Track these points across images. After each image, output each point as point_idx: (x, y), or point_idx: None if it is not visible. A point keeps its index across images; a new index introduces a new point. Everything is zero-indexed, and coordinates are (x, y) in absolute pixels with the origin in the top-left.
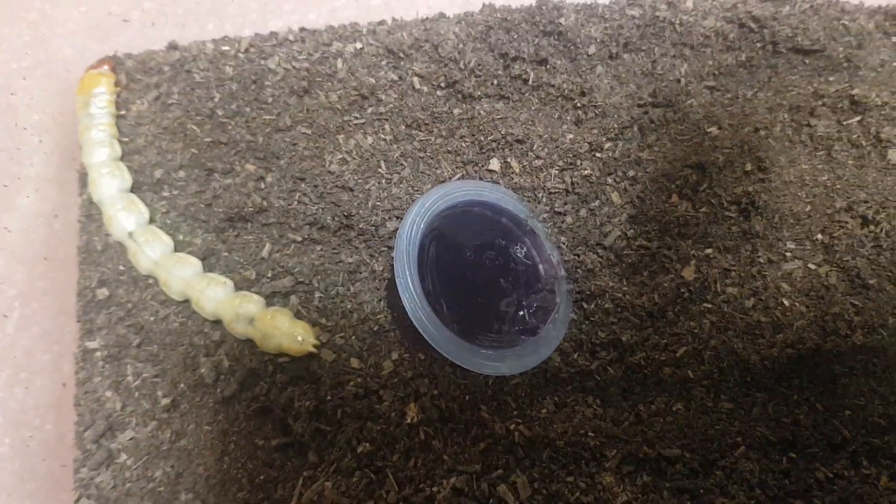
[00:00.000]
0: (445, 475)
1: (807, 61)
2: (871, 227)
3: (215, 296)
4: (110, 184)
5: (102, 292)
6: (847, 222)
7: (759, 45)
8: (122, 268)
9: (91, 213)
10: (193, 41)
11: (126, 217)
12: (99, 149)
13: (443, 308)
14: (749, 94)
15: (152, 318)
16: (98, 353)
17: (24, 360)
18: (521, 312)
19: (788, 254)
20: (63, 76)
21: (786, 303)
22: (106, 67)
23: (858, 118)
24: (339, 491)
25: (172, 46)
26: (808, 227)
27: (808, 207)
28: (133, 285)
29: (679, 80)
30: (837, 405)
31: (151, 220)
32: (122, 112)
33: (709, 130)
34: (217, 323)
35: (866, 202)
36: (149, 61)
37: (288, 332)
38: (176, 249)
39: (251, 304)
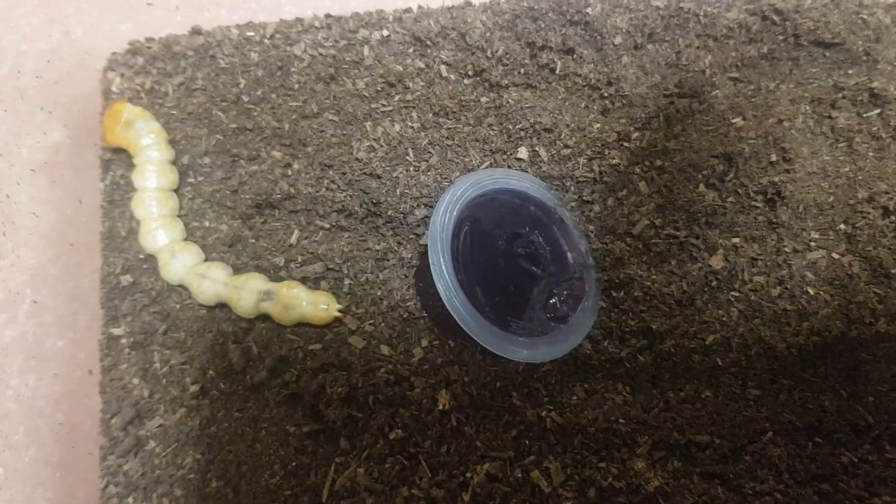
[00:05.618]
0: (478, 461)
1: (827, 54)
2: (892, 218)
3: (217, 277)
4: (152, 178)
5: (126, 279)
6: (869, 213)
7: (780, 37)
8: (145, 255)
9: (114, 199)
10: (217, 26)
11: (154, 206)
12: (152, 151)
13: (476, 295)
14: (771, 85)
15: (178, 306)
16: (123, 340)
17: (37, 346)
18: (552, 300)
19: (813, 243)
20: (85, 59)
21: (811, 291)
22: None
23: (878, 111)
24: (371, 477)
25: (196, 31)
26: (831, 218)
27: (831, 198)
28: (158, 272)
29: (704, 72)
30: (861, 391)
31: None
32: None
33: (733, 121)
34: None
35: (887, 193)
36: (173, 46)
37: (311, 300)
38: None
39: (256, 281)
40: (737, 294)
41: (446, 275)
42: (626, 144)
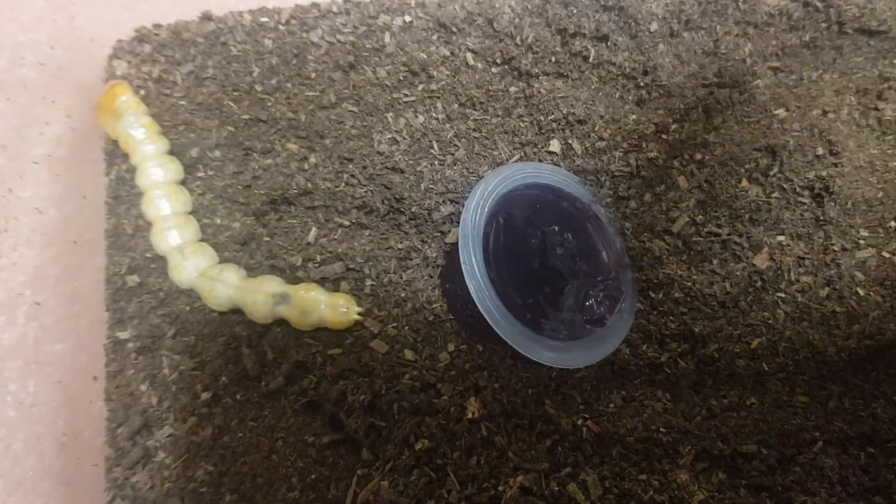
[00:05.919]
0: (511, 473)
1: (871, 43)
2: None
3: (229, 280)
4: (157, 173)
5: (133, 279)
6: None
7: (823, 24)
8: (152, 254)
9: (119, 195)
10: (229, 12)
11: (165, 204)
12: (145, 146)
13: (509, 296)
14: (814, 75)
15: (188, 308)
16: (130, 345)
17: (37, 350)
18: (589, 302)
19: (862, 241)
20: (89, 46)
21: (861, 292)
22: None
23: None
24: (396, 490)
25: (206, 17)
26: (880, 214)
27: (880, 193)
28: (166, 273)
29: (744, 60)
30: None
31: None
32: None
33: (776, 112)
34: None
35: None
36: (182, 32)
37: (330, 303)
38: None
39: (271, 283)
40: (783, 295)
41: (478, 275)
42: (663, 137)
